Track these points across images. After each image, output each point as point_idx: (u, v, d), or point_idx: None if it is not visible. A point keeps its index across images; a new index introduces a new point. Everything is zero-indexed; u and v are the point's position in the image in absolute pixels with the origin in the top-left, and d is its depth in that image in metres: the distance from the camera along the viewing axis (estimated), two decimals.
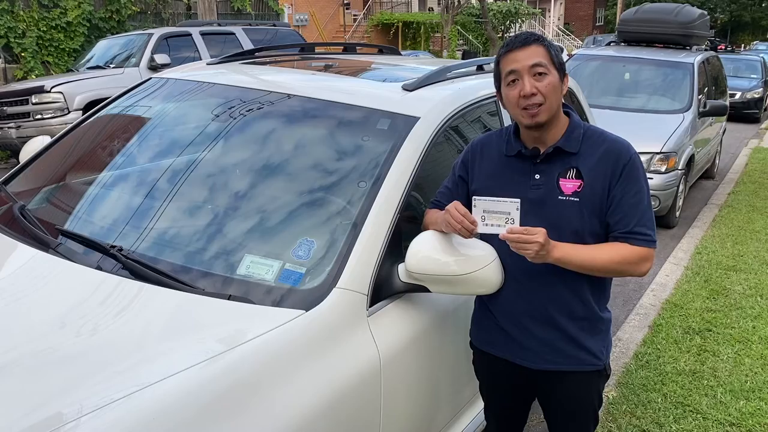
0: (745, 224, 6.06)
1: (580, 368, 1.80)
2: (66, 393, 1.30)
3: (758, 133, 12.48)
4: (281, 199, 2.02)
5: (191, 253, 1.84)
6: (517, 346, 1.81)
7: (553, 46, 1.72)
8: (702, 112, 6.52)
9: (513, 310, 1.79)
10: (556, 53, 1.71)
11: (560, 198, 1.70)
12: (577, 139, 1.73)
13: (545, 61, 1.67)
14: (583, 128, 1.76)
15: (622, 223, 1.69)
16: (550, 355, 1.78)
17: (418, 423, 1.92)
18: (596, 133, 1.76)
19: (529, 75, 1.65)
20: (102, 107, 2.64)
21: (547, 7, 39.67)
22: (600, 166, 1.70)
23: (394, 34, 25.30)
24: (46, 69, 11.24)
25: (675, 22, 7.40)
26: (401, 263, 1.76)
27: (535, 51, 1.67)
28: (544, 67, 1.66)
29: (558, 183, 1.71)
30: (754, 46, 32.12)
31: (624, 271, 1.71)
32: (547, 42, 1.71)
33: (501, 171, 1.79)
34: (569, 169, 1.71)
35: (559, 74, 1.69)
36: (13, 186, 2.37)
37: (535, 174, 1.73)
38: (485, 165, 1.83)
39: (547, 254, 1.61)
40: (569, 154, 1.72)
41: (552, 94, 1.66)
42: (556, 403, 1.90)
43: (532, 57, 1.66)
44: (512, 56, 1.68)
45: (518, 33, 1.80)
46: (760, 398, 3.11)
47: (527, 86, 1.65)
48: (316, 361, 1.53)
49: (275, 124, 2.23)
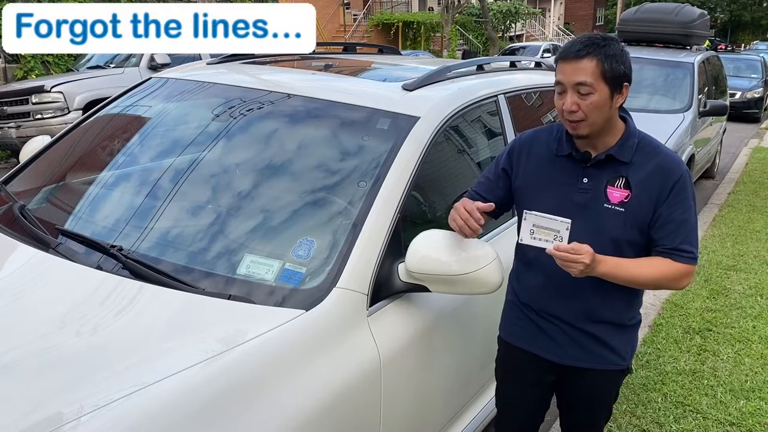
0: (746, 224, 6.06)
1: (604, 367, 1.82)
2: (66, 393, 1.30)
3: (758, 132, 12.48)
4: (281, 199, 2.02)
5: (191, 252, 1.84)
6: (547, 340, 1.83)
7: (610, 57, 1.61)
8: (702, 111, 6.51)
9: (546, 307, 1.81)
10: (612, 66, 1.61)
11: (606, 206, 1.70)
12: (631, 148, 1.71)
13: (592, 79, 1.60)
14: (638, 137, 1.73)
15: (668, 239, 1.69)
16: (578, 352, 1.81)
17: (418, 422, 1.92)
18: (650, 145, 1.74)
19: (573, 91, 1.62)
20: (102, 107, 2.64)
21: (547, 6, 39.67)
22: (650, 180, 1.68)
23: (394, 33, 25.29)
24: (46, 69, 11.23)
25: (675, 21, 7.40)
26: (401, 263, 1.76)
27: (585, 67, 1.60)
28: (590, 86, 1.60)
29: (605, 191, 1.70)
30: (754, 45, 32.15)
31: (664, 286, 1.77)
32: (605, 52, 1.61)
33: (548, 170, 1.77)
34: (618, 177, 1.70)
35: (610, 89, 1.62)
36: (13, 186, 2.36)
37: (583, 178, 1.72)
38: (533, 162, 1.81)
39: (592, 271, 1.63)
40: (620, 163, 1.70)
41: (594, 112, 1.63)
42: (576, 397, 1.93)
43: (579, 74, 1.61)
44: (562, 67, 1.64)
45: (579, 38, 1.66)
46: (760, 398, 3.11)
47: (568, 103, 1.63)
48: (316, 361, 1.53)
49: (275, 124, 2.23)
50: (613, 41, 1.64)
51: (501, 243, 2.17)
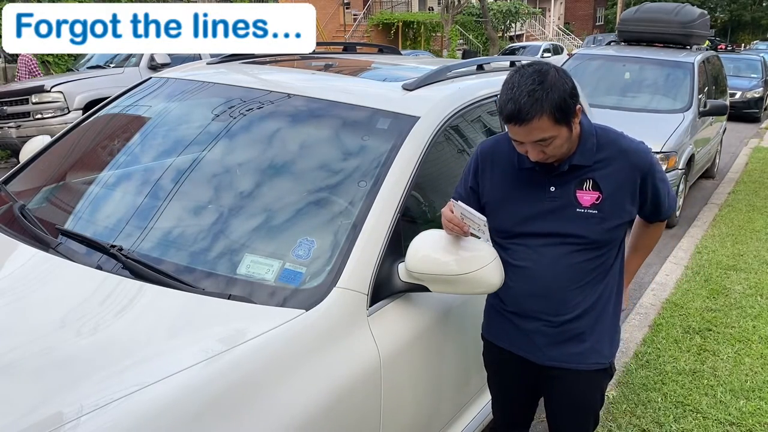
0: (745, 224, 6.05)
1: (586, 367, 1.81)
2: (66, 393, 1.30)
3: (758, 132, 12.47)
4: (281, 199, 2.02)
5: (191, 252, 1.84)
6: (525, 340, 1.82)
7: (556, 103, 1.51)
8: (702, 111, 6.51)
9: (525, 306, 1.79)
10: (560, 108, 1.53)
11: (578, 210, 1.69)
12: (591, 150, 1.69)
13: (550, 132, 1.55)
14: (596, 135, 1.71)
15: (655, 213, 1.85)
16: (555, 351, 1.79)
17: (418, 422, 1.92)
18: (608, 138, 1.72)
19: (534, 145, 1.59)
20: (102, 107, 2.64)
21: (547, 6, 39.66)
22: (619, 174, 1.69)
23: (394, 33, 25.29)
24: (46, 69, 11.23)
25: (675, 21, 7.39)
26: (401, 262, 1.76)
27: (538, 126, 1.53)
28: (549, 139, 1.56)
29: (575, 195, 1.70)
30: (754, 45, 32.14)
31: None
32: (550, 102, 1.51)
33: (513, 183, 1.76)
34: (585, 180, 1.70)
35: (567, 125, 1.58)
36: (13, 186, 2.36)
37: (550, 186, 1.71)
38: (497, 176, 1.79)
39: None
40: (584, 167, 1.69)
41: (559, 149, 1.62)
42: (558, 400, 1.91)
43: (533, 134, 1.55)
44: (514, 129, 1.58)
45: (516, 93, 1.51)
46: (760, 398, 3.11)
47: (533, 154, 1.61)
48: (316, 361, 1.53)
49: (275, 124, 2.23)
50: (549, 77, 1.53)
51: None
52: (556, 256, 1.72)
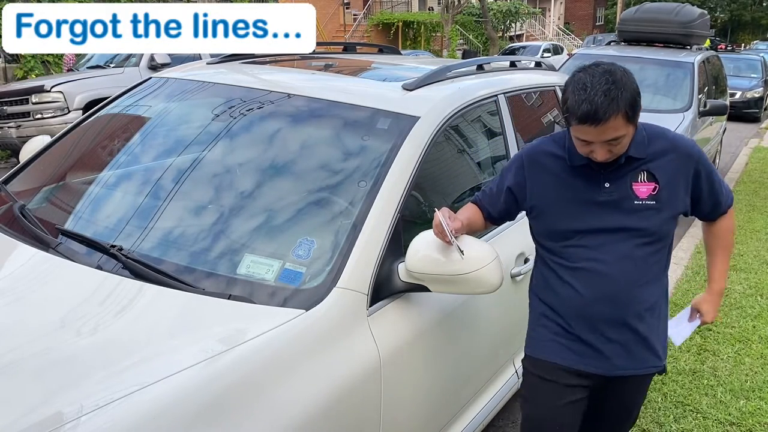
0: (745, 223, 6.05)
1: (646, 371, 1.80)
2: (66, 393, 1.30)
3: (758, 132, 12.48)
4: (281, 199, 2.02)
5: (191, 252, 1.84)
6: (592, 354, 1.75)
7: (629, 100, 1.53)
8: (702, 111, 6.51)
9: (589, 312, 1.73)
10: (632, 105, 1.55)
11: (636, 203, 1.69)
12: (643, 143, 1.70)
13: (623, 130, 1.55)
14: (645, 129, 1.72)
15: (716, 206, 1.81)
16: (622, 359, 1.75)
17: (418, 422, 1.92)
18: (657, 134, 1.74)
19: (603, 144, 1.58)
20: (102, 107, 2.64)
21: (547, 6, 39.66)
22: (671, 165, 1.69)
23: (394, 33, 25.29)
24: (46, 68, 11.23)
25: (675, 21, 7.39)
26: (401, 262, 1.76)
27: (613, 125, 1.53)
28: (620, 137, 1.57)
29: (631, 188, 1.69)
30: (754, 45, 32.15)
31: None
32: (624, 100, 1.52)
33: (566, 182, 1.74)
34: (640, 172, 1.69)
35: (635, 125, 1.60)
36: (13, 186, 2.36)
37: (604, 183, 1.70)
38: (547, 178, 1.76)
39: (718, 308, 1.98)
40: (638, 159, 1.69)
41: (626, 146, 1.63)
42: (611, 406, 1.88)
43: (607, 133, 1.54)
44: (586, 129, 1.55)
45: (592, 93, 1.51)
46: (760, 398, 3.11)
47: (600, 155, 1.60)
48: (316, 361, 1.53)
49: (275, 124, 2.23)
50: (618, 76, 1.55)
51: (501, 243, 2.17)
52: (620, 252, 1.69)
